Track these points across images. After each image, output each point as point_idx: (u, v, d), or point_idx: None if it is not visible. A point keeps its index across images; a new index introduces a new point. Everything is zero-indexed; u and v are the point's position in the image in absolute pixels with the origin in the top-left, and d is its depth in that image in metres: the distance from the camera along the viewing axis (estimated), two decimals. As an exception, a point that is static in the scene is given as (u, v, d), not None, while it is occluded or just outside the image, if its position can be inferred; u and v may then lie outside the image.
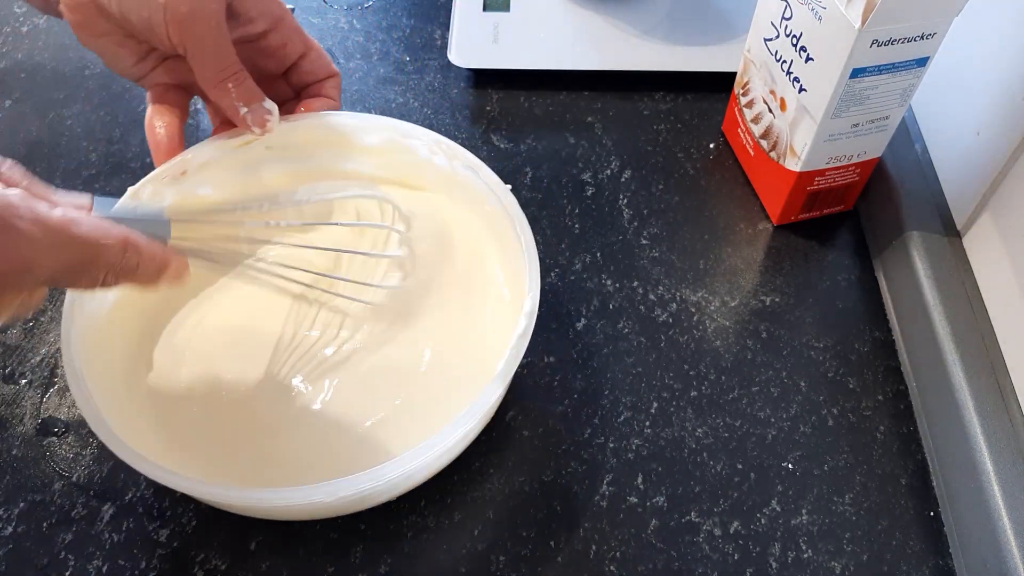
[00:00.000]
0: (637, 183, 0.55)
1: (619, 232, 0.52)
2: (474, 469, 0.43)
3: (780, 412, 0.45)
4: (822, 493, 0.42)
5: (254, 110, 0.43)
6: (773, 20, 0.47)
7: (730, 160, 0.56)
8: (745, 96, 0.53)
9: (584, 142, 0.57)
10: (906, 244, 0.48)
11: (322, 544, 0.40)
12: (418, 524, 0.41)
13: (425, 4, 0.66)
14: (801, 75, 0.46)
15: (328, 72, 0.48)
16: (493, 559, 0.40)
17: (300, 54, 0.46)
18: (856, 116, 0.45)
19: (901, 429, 0.45)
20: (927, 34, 0.41)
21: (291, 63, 0.47)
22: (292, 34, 0.45)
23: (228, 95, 0.42)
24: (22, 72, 0.61)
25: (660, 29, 0.61)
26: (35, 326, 0.48)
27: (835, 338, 0.48)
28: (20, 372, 0.46)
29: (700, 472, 0.43)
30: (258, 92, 0.43)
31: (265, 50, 0.45)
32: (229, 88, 0.42)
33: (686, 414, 0.45)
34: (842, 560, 0.40)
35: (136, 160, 0.55)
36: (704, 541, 0.41)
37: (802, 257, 0.51)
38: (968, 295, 0.45)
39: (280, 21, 0.45)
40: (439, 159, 0.47)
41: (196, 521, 0.41)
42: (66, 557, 0.40)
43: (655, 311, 0.49)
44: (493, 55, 0.59)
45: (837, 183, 0.50)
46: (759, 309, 0.49)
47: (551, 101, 0.59)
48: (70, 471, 0.43)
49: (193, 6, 0.39)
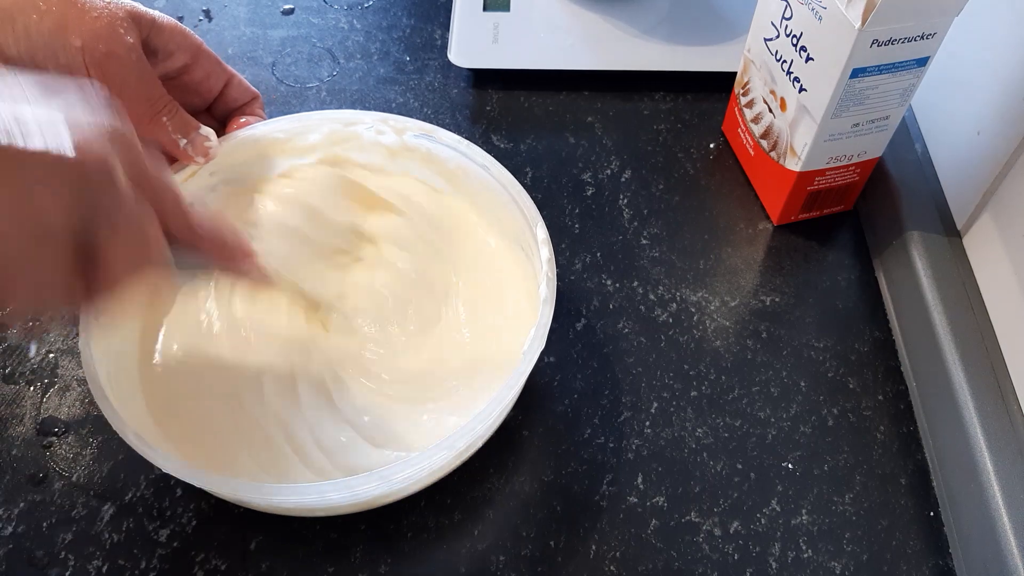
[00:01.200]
0: (637, 183, 0.55)
1: (619, 232, 0.52)
2: (474, 469, 0.43)
3: (780, 412, 0.45)
4: (822, 493, 0.42)
5: (192, 139, 0.43)
6: (773, 20, 0.47)
7: (730, 160, 0.56)
8: (745, 96, 0.53)
9: (584, 142, 0.57)
10: (906, 244, 0.48)
11: (322, 544, 0.40)
12: (418, 524, 0.41)
13: (425, 4, 0.66)
14: (801, 75, 0.46)
15: (251, 95, 0.47)
16: (493, 559, 0.40)
17: (224, 82, 0.46)
18: (856, 116, 0.45)
19: (901, 429, 0.45)
20: (927, 34, 0.41)
21: (216, 94, 0.46)
22: (213, 65, 0.45)
23: (164, 129, 0.42)
24: (22, 72, 0.61)
25: (660, 29, 0.61)
26: (35, 326, 0.48)
27: (835, 338, 0.48)
28: (20, 372, 0.46)
29: (700, 472, 0.43)
30: (193, 121, 0.43)
31: (188, 85, 0.45)
32: (164, 122, 0.41)
33: (686, 414, 0.45)
34: (842, 560, 0.40)
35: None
36: (704, 541, 0.41)
37: (802, 257, 0.51)
38: (968, 295, 0.45)
39: (199, 52, 0.44)
40: (386, 137, 0.47)
41: (196, 521, 0.41)
42: (66, 557, 0.40)
43: (655, 311, 0.49)
44: (493, 55, 0.59)
45: (837, 183, 0.50)
46: (759, 309, 0.49)
47: (551, 101, 0.59)
48: (70, 471, 0.43)
49: (110, 44, 0.39)
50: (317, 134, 0.47)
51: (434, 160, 0.47)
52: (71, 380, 0.46)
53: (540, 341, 0.38)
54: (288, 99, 0.60)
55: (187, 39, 0.43)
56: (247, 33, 0.64)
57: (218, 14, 0.65)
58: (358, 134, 0.47)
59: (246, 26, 0.64)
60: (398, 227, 0.47)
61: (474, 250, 0.47)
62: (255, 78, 0.60)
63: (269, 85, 0.60)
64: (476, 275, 0.47)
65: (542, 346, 0.38)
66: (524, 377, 0.38)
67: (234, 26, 0.64)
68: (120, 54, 0.39)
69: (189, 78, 0.44)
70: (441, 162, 0.47)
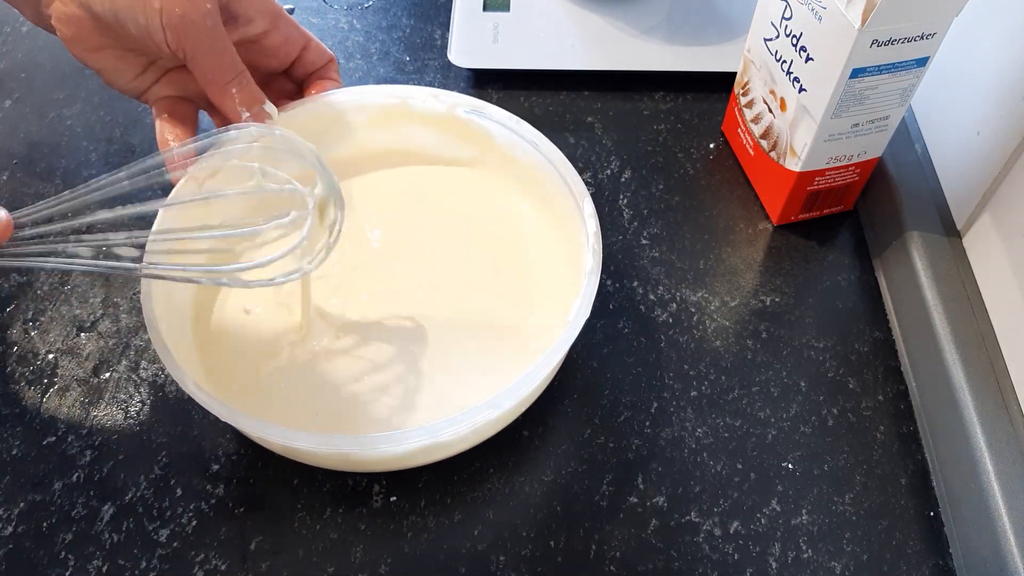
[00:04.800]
0: (637, 183, 0.55)
1: (619, 232, 0.52)
2: (474, 469, 0.43)
3: (780, 412, 0.45)
4: (822, 493, 0.42)
5: (256, 113, 0.43)
6: (773, 20, 0.47)
7: (730, 160, 0.56)
8: (745, 96, 0.53)
9: (584, 142, 0.57)
10: (906, 244, 0.48)
11: (322, 544, 0.40)
12: (418, 524, 0.41)
13: (425, 4, 0.66)
14: (801, 75, 0.46)
15: (327, 58, 0.48)
16: (493, 559, 0.40)
17: (301, 47, 0.46)
18: (856, 116, 0.45)
19: (901, 429, 0.45)
20: (927, 34, 0.41)
21: (294, 58, 0.46)
22: (291, 29, 0.45)
23: (231, 99, 0.42)
24: (22, 72, 0.61)
25: (660, 29, 0.61)
26: (35, 326, 0.48)
27: (835, 338, 0.48)
28: (20, 372, 0.46)
29: (700, 472, 0.43)
30: (260, 94, 0.43)
31: (267, 49, 0.45)
32: (232, 92, 0.42)
33: (686, 414, 0.45)
34: (842, 560, 0.40)
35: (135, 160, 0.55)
36: (704, 541, 0.41)
37: (802, 257, 0.51)
38: (968, 295, 0.45)
39: (278, 17, 0.44)
40: (438, 107, 0.48)
41: (196, 521, 0.41)
42: (66, 557, 0.40)
43: (655, 311, 0.49)
44: (493, 55, 0.59)
45: (837, 183, 0.50)
46: (759, 309, 0.49)
47: (551, 101, 0.59)
48: (70, 471, 0.43)
49: (186, 8, 0.39)
50: (370, 106, 0.49)
51: (483, 135, 0.48)
52: (71, 380, 0.46)
53: (585, 310, 0.39)
54: (288, 99, 0.59)
55: (267, 4, 0.44)
56: (247, 33, 0.64)
57: (218, 14, 0.65)
58: (410, 106, 0.49)
59: (246, 26, 0.64)
60: (439, 196, 0.49)
61: (514, 223, 0.49)
62: (255, 78, 0.61)
63: (269, 85, 0.60)
64: (510, 246, 0.48)
65: (587, 315, 0.39)
66: (568, 344, 0.39)
67: (234, 26, 0.64)
68: (195, 19, 0.40)
69: (268, 42, 0.45)
70: (490, 137, 0.48)
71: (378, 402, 0.42)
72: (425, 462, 0.41)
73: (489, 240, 0.48)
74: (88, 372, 0.46)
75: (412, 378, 0.43)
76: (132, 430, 0.44)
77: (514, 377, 0.37)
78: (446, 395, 0.42)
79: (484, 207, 0.49)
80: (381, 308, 0.45)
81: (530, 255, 0.48)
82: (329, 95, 0.48)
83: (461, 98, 0.48)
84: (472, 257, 0.48)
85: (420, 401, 0.42)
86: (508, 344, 0.44)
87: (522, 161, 0.47)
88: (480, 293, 0.46)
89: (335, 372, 0.43)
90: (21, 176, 0.55)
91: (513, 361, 0.43)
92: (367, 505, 0.42)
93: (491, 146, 0.49)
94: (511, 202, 0.49)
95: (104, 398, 0.45)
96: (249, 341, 0.44)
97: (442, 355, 0.44)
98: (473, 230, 0.49)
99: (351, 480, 0.42)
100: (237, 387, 0.42)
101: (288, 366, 0.43)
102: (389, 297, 0.46)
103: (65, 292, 0.49)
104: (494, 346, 0.44)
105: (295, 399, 0.42)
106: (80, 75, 0.60)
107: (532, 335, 0.44)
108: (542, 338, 0.42)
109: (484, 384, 0.42)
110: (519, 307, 0.46)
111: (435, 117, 0.49)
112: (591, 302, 0.39)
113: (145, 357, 0.46)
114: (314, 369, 0.43)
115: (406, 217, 0.49)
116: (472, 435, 0.40)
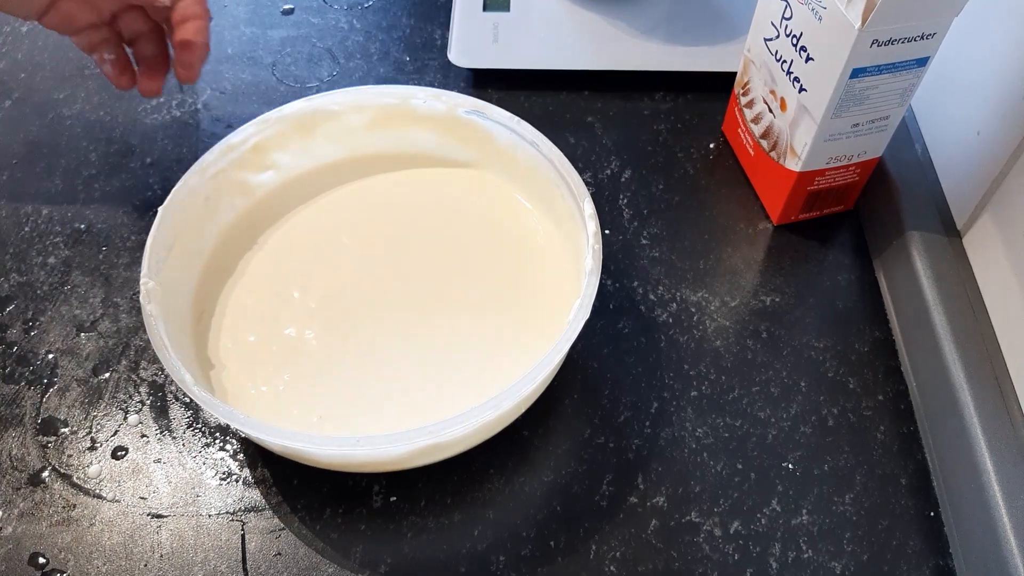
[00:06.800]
0: (637, 183, 0.55)
1: (619, 232, 0.52)
2: (474, 469, 0.43)
3: (780, 412, 0.45)
4: (822, 493, 0.42)
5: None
6: (773, 20, 0.47)
7: (730, 160, 0.56)
8: (745, 96, 0.53)
9: (584, 142, 0.57)
10: (906, 244, 0.48)
11: (322, 545, 0.40)
12: (418, 524, 0.41)
13: (425, 4, 0.66)
14: (801, 75, 0.46)
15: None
16: (493, 559, 0.40)
17: None
18: (856, 116, 0.45)
19: (901, 429, 0.45)
20: (927, 34, 0.41)
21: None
22: None
23: None
24: (22, 72, 0.61)
25: (660, 29, 0.61)
26: (35, 326, 0.48)
27: (835, 338, 0.48)
28: (20, 372, 0.46)
29: (700, 472, 0.43)
30: None
31: None
32: None
33: (686, 414, 0.45)
34: (842, 560, 0.40)
35: (136, 160, 0.55)
36: (704, 541, 0.41)
37: (802, 257, 0.51)
38: (968, 295, 0.45)
39: None
40: (438, 107, 0.48)
41: (196, 521, 0.41)
42: (66, 557, 0.40)
43: (655, 311, 0.49)
44: (493, 55, 0.59)
45: (837, 183, 0.50)
46: (759, 309, 0.49)
47: (551, 101, 0.59)
48: (70, 471, 0.43)
49: None
50: (370, 106, 0.49)
51: (483, 135, 0.49)
52: (71, 380, 0.46)
53: (585, 310, 0.39)
54: (288, 99, 0.59)
55: None
56: (247, 33, 0.64)
57: (218, 14, 0.65)
58: (412, 107, 0.49)
59: (246, 26, 0.64)
60: (439, 197, 0.50)
61: (514, 224, 0.49)
62: (255, 78, 0.61)
63: (269, 85, 0.60)
64: (510, 246, 0.48)
65: (587, 315, 0.39)
66: (569, 344, 0.39)
67: (234, 26, 0.64)
68: None
69: None
70: (491, 138, 0.48)
71: (378, 402, 0.42)
72: (425, 463, 0.41)
73: (489, 240, 0.48)
74: (88, 372, 0.46)
75: (412, 378, 0.43)
76: (132, 430, 0.44)
77: (514, 377, 0.37)
78: (446, 395, 0.42)
79: (484, 207, 0.49)
80: (381, 309, 0.45)
81: (530, 255, 0.48)
82: (329, 95, 0.48)
83: (461, 98, 0.48)
84: (472, 257, 0.48)
85: (420, 401, 0.42)
86: (508, 344, 0.44)
87: (522, 161, 0.47)
88: (480, 293, 0.46)
89: (335, 372, 0.43)
90: (21, 176, 0.55)
91: (513, 361, 0.43)
92: (367, 505, 0.42)
93: (491, 146, 0.49)
94: (511, 202, 0.49)
95: (104, 398, 0.45)
96: (249, 341, 0.44)
97: (442, 355, 0.44)
98: (473, 230, 0.49)
99: (351, 480, 0.42)
100: (237, 388, 0.42)
101: (288, 366, 0.43)
102: (389, 298, 0.46)
103: (65, 292, 0.49)
104: (494, 346, 0.44)
105: (295, 399, 0.42)
106: (80, 75, 0.60)
107: (532, 335, 0.44)
108: (542, 338, 0.42)
109: (484, 384, 0.42)
110: (519, 307, 0.46)
111: (435, 117, 0.49)
112: (591, 302, 0.39)
113: (145, 357, 0.46)
114: (314, 370, 0.43)
115: (406, 217, 0.49)
116: (472, 435, 0.40)
